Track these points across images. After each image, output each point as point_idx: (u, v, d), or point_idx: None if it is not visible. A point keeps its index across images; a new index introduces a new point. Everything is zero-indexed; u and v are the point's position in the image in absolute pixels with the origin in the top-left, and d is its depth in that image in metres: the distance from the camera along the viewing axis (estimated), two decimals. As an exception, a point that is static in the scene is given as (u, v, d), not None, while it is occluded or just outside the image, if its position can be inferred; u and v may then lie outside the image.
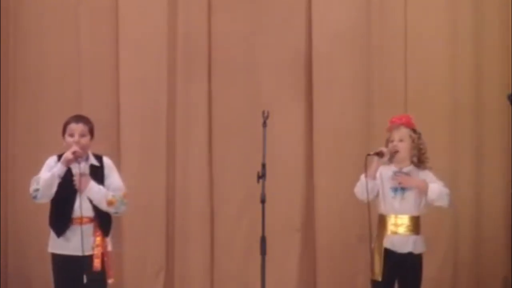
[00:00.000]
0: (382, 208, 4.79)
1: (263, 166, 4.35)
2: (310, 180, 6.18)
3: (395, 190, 4.75)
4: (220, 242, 6.22)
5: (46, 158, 4.63)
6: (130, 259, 6.14)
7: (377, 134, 5.63)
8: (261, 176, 4.32)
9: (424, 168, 4.79)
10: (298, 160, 6.20)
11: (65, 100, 6.13)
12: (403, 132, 4.79)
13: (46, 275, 5.99)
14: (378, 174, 4.79)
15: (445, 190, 4.74)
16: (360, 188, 4.75)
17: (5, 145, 6.24)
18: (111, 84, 6.22)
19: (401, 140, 4.77)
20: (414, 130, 4.82)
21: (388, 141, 4.82)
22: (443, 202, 4.75)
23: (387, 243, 4.72)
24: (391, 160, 4.80)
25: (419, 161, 4.79)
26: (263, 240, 4.29)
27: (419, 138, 4.81)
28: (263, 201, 4.30)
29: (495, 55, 6.15)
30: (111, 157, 6.06)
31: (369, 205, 4.69)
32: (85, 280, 4.40)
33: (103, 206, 4.49)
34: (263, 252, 4.27)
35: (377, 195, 4.80)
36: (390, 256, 4.70)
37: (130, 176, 6.07)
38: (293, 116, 6.19)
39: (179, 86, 6.23)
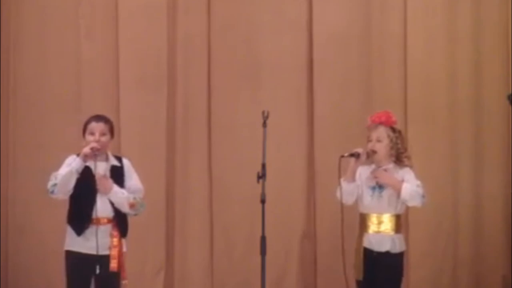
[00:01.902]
0: (361, 208, 4.75)
1: (263, 166, 4.34)
2: (311, 180, 6.18)
3: (373, 189, 4.71)
4: (220, 242, 6.22)
5: (46, 158, 4.66)
6: (130, 259, 6.11)
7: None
8: (261, 176, 4.31)
9: (404, 166, 4.71)
10: (299, 160, 6.20)
11: (65, 100, 6.14)
12: (381, 131, 4.70)
13: (47, 274, 6.02)
14: (358, 175, 4.75)
15: (419, 191, 4.62)
16: (338, 191, 4.72)
17: (5, 145, 6.24)
18: (111, 84, 6.22)
19: (378, 140, 4.70)
20: (393, 129, 4.73)
21: (368, 140, 4.77)
22: (416, 203, 4.65)
23: (365, 242, 4.68)
24: (369, 160, 4.73)
25: (397, 160, 4.72)
26: (263, 240, 4.29)
27: (398, 137, 4.72)
28: (263, 201, 4.29)
29: (495, 55, 6.15)
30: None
31: (342, 206, 4.66)
32: (97, 271, 4.43)
33: (125, 209, 4.54)
34: (263, 252, 4.27)
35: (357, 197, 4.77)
36: (368, 255, 4.66)
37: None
38: (294, 116, 6.19)
39: (179, 86, 6.23)
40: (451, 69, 6.17)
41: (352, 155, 4.67)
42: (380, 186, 4.70)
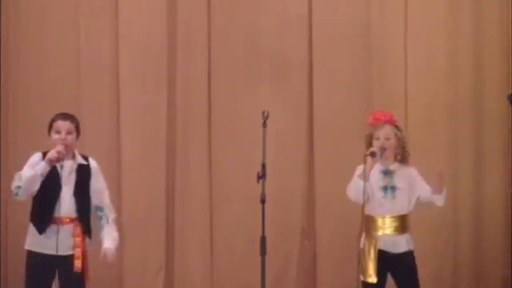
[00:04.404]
0: (371, 209, 4.71)
1: (263, 166, 4.34)
2: (311, 180, 6.18)
3: (384, 189, 4.70)
4: (220, 242, 6.22)
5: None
6: (130, 259, 6.14)
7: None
8: (261, 176, 4.31)
9: (407, 164, 4.75)
10: (299, 160, 6.20)
11: (64, 100, 6.12)
12: (388, 129, 4.72)
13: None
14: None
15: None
16: (354, 190, 4.67)
17: (5, 145, 6.23)
18: (111, 84, 6.21)
19: (387, 138, 4.71)
20: (397, 127, 4.77)
21: (371, 138, 4.75)
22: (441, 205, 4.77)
23: (381, 244, 4.66)
24: (376, 158, 4.70)
25: (403, 158, 4.74)
26: (263, 240, 4.29)
27: (403, 136, 4.78)
28: (263, 201, 4.28)
29: (495, 55, 6.15)
30: (111, 157, 6.09)
31: (364, 204, 4.61)
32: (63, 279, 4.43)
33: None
34: (263, 252, 4.26)
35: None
36: (384, 257, 4.65)
37: (130, 176, 6.10)
38: (293, 116, 6.19)
39: (178, 86, 6.23)
40: (451, 69, 6.17)
41: (371, 154, 4.65)
42: (392, 187, 4.70)
